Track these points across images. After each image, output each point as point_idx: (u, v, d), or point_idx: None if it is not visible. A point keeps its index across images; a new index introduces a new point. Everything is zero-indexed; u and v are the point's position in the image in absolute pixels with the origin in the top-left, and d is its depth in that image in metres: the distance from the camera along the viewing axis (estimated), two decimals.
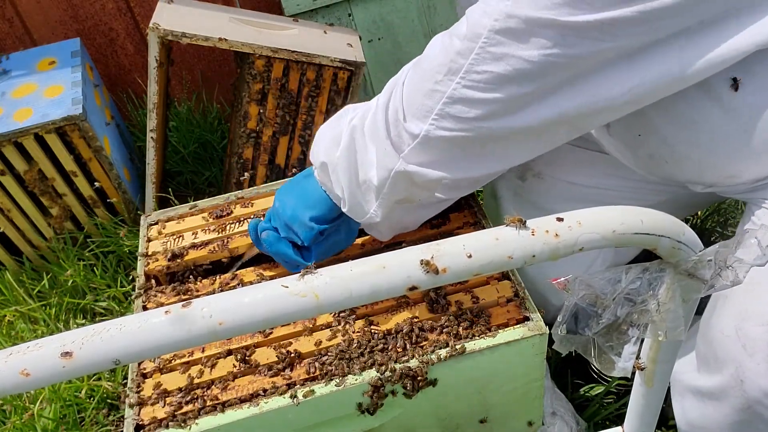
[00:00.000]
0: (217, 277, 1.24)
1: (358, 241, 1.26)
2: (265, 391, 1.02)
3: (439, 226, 1.27)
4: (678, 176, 1.16)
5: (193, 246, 1.28)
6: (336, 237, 1.18)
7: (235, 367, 1.06)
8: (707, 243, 0.88)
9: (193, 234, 1.31)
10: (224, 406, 1.01)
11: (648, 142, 1.11)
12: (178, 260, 1.26)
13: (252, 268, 1.25)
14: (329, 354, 1.05)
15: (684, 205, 1.38)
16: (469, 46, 0.91)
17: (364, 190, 1.07)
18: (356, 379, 1.01)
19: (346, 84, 1.91)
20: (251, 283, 1.23)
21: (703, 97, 1.00)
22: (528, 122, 0.94)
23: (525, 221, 0.60)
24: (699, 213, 1.93)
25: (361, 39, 2.11)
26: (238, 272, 1.24)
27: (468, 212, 1.29)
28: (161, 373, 1.08)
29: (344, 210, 1.12)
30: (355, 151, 1.06)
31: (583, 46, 0.85)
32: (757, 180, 1.08)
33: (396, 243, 1.24)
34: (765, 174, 1.06)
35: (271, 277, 1.24)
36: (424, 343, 1.06)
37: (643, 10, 0.82)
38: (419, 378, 1.02)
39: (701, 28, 0.87)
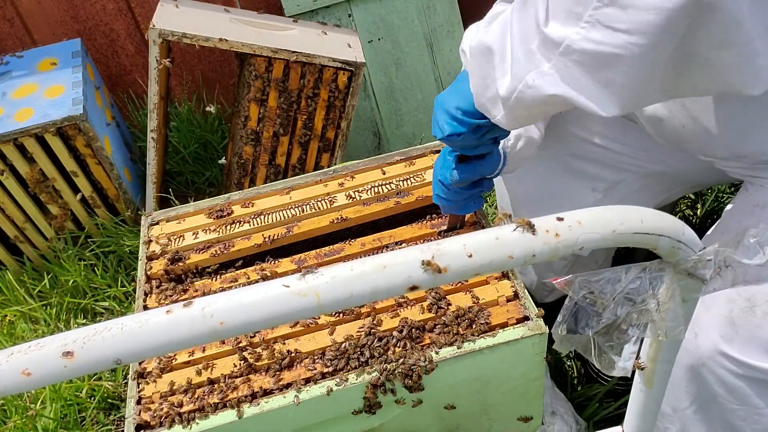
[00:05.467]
0: (219, 276, 1.24)
1: (358, 240, 1.26)
2: (265, 390, 1.03)
3: (439, 226, 1.27)
4: (689, 144, 1.16)
5: (195, 249, 1.28)
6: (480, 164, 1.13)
7: (235, 366, 1.07)
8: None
9: (193, 234, 1.31)
10: (225, 405, 1.01)
11: (671, 105, 1.10)
12: (180, 263, 1.26)
13: (253, 268, 1.25)
14: (329, 354, 1.05)
15: (681, 181, 1.38)
16: None
17: (491, 96, 0.97)
18: (356, 379, 1.01)
19: (346, 84, 1.91)
20: (254, 282, 1.23)
21: None
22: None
23: (533, 224, 0.60)
24: (698, 212, 1.93)
25: (360, 39, 2.11)
26: (239, 272, 1.24)
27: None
28: (162, 373, 1.08)
29: (474, 103, 1.02)
30: (486, 51, 0.95)
31: None
32: (762, 161, 1.09)
33: (396, 243, 1.25)
34: None
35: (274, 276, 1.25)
36: (424, 342, 1.06)
37: None
38: (418, 377, 1.02)
39: None
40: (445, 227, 1.27)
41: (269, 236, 1.28)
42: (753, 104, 0.99)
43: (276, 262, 1.25)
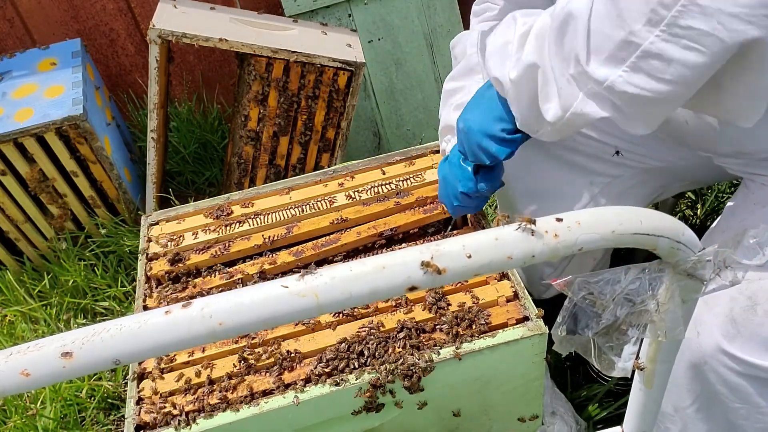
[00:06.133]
0: (217, 273, 1.24)
1: (354, 229, 1.26)
2: (265, 391, 1.03)
3: (431, 211, 1.28)
4: (691, 140, 1.16)
5: (195, 249, 1.28)
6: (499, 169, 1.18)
7: (235, 367, 1.07)
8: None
9: (193, 234, 1.31)
10: (225, 405, 1.01)
11: None
12: (180, 264, 1.26)
13: (251, 262, 1.25)
14: (329, 354, 1.05)
15: (679, 177, 1.38)
16: None
17: (536, 117, 1.01)
18: (356, 379, 1.01)
19: (346, 84, 1.91)
20: (252, 277, 1.23)
21: None
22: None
23: (535, 221, 0.60)
24: (698, 212, 1.93)
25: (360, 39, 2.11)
26: (236, 268, 1.24)
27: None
28: (162, 373, 1.08)
29: (517, 124, 1.06)
30: (527, 79, 0.97)
31: None
32: (763, 158, 1.10)
33: (391, 229, 1.25)
34: None
35: (273, 275, 1.25)
36: (424, 343, 1.06)
37: None
38: (418, 378, 1.02)
39: None
40: (443, 226, 1.28)
41: (269, 236, 1.28)
42: None
43: (274, 255, 1.25)
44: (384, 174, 1.39)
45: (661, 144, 1.27)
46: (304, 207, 1.33)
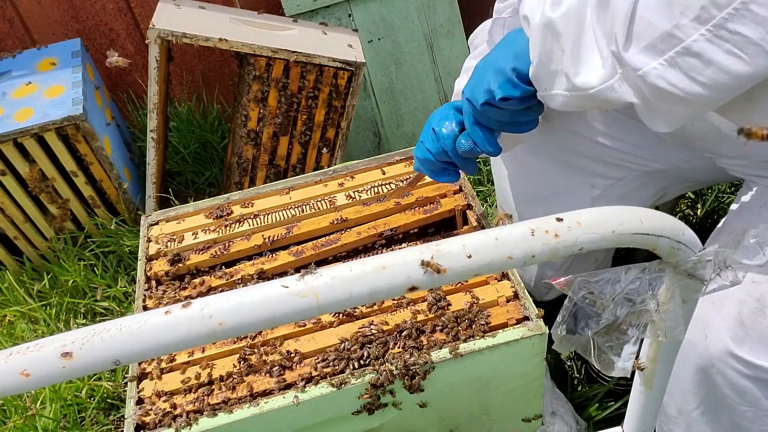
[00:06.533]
0: (217, 273, 1.24)
1: (354, 229, 1.26)
2: (265, 391, 1.03)
3: (431, 211, 1.28)
4: (696, 142, 1.16)
5: (194, 249, 1.28)
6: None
7: (235, 367, 1.07)
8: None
9: (193, 234, 1.31)
10: (224, 406, 1.01)
11: None
12: (179, 264, 1.26)
13: (251, 263, 1.25)
14: (329, 354, 1.05)
15: (680, 179, 1.37)
16: None
17: (551, 74, 0.94)
18: (356, 380, 1.01)
19: (346, 84, 1.91)
20: (252, 277, 1.23)
21: None
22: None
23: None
24: (698, 212, 1.93)
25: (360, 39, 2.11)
26: (236, 268, 1.24)
27: (472, 218, 1.30)
28: (162, 373, 1.08)
29: (530, 72, 0.98)
30: (557, 33, 0.90)
31: None
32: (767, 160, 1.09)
33: (391, 230, 1.25)
34: None
35: (272, 274, 1.25)
36: (424, 343, 1.06)
37: None
38: (419, 378, 1.02)
39: None
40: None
41: (269, 237, 1.28)
42: None
43: (274, 255, 1.25)
44: (384, 174, 1.39)
45: (664, 146, 1.27)
46: (304, 207, 1.33)
